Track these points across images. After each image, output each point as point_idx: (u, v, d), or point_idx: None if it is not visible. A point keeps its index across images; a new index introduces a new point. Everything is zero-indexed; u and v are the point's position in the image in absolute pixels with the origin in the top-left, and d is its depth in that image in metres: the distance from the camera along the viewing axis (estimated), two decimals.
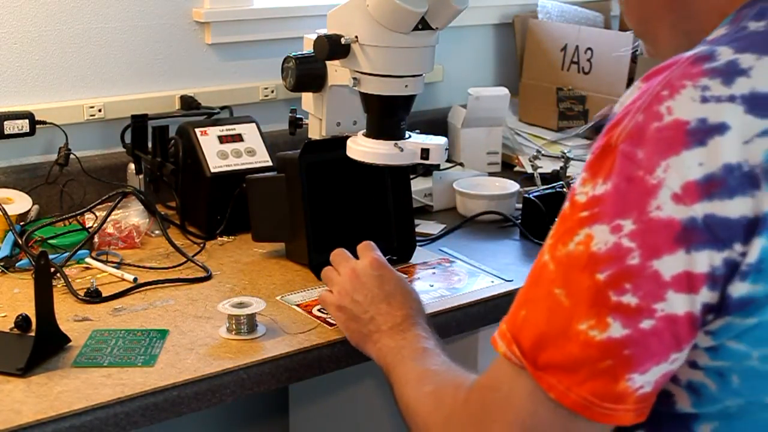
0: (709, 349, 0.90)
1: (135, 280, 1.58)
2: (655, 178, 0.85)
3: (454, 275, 1.66)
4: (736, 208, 0.84)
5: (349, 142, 1.63)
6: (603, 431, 0.92)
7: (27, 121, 1.83)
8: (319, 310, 1.48)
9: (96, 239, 1.71)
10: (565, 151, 2.03)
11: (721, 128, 0.84)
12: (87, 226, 1.74)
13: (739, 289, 0.85)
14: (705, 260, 0.84)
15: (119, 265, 1.66)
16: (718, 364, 0.90)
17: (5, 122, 1.81)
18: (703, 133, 0.84)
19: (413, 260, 1.71)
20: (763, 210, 0.84)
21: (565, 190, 1.87)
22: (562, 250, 0.90)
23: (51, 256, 1.36)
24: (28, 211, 1.78)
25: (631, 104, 0.89)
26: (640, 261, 0.85)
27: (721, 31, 0.94)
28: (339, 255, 1.44)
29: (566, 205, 0.92)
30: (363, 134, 1.62)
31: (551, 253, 0.91)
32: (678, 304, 0.85)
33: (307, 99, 1.89)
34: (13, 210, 1.73)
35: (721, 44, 0.89)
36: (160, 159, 1.83)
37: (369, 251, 1.41)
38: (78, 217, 1.75)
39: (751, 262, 0.84)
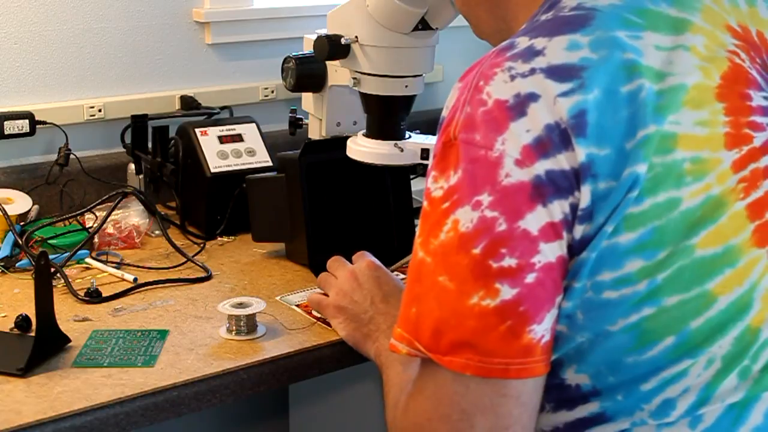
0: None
1: (135, 280, 1.58)
2: (496, 151, 0.94)
3: None
4: (565, 161, 0.94)
5: (349, 142, 1.63)
6: (536, 384, 0.97)
7: (27, 121, 1.83)
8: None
9: (96, 239, 1.71)
10: None
11: (532, 97, 0.95)
12: (87, 226, 1.74)
13: (578, 231, 0.95)
14: (558, 209, 0.94)
15: (119, 265, 1.66)
16: (566, 305, 0.97)
17: (5, 122, 1.81)
18: (521, 104, 0.95)
19: None
20: (579, 161, 0.94)
21: None
22: (434, 242, 0.97)
23: (51, 256, 1.36)
24: (28, 211, 1.78)
25: (456, 102, 1.00)
26: (507, 225, 0.94)
27: (522, 27, 1.08)
28: (336, 261, 1.47)
29: (425, 204, 1.00)
30: (363, 134, 1.62)
31: (425, 248, 0.99)
32: (550, 252, 0.95)
33: (307, 99, 1.90)
34: (13, 210, 1.73)
35: (519, 35, 1.02)
36: (160, 159, 1.83)
37: (365, 256, 1.44)
38: (78, 217, 1.75)
39: (583, 207, 0.94)
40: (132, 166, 1.91)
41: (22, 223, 1.73)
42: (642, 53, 0.98)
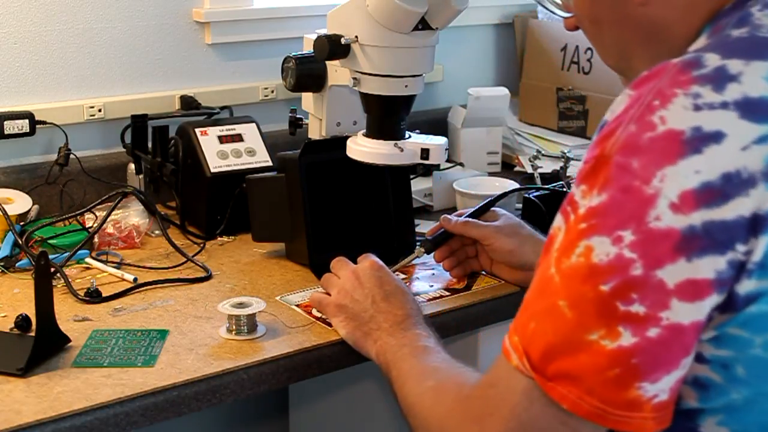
0: (711, 339, 0.91)
1: (135, 280, 1.58)
2: (652, 188, 0.85)
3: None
4: (732, 210, 0.84)
5: (349, 142, 1.63)
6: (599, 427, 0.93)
7: (27, 121, 1.83)
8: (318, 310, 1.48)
9: (96, 239, 1.71)
10: (565, 151, 2.03)
11: (716, 136, 0.84)
12: (87, 226, 1.74)
13: (746, 286, 0.86)
14: (708, 266, 0.85)
15: (119, 265, 1.66)
16: (722, 354, 0.91)
17: (5, 122, 1.81)
18: (699, 141, 0.84)
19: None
20: (764, 209, 0.84)
21: (565, 189, 1.87)
22: (565, 263, 0.91)
23: (51, 256, 1.36)
24: (28, 211, 1.78)
25: (623, 113, 0.89)
26: (643, 271, 0.86)
27: (702, 41, 0.95)
28: (339, 261, 1.47)
29: (571, 216, 0.92)
30: (363, 134, 1.62)
31: (557, 266, 0.92)
32: (683, 313, 0.86)
33: (307, 99, 1.89)
34: (13, 210, 1.73)
35: (707, 51, 0.89)
36: (160, 159, 1.83)
37: (368, 257, 1.44)
38: (78, 217, 1.75)
39: (756, 261, 0.85)
40: (132, 166, 1.91)
41: (22, 223, 1.73)
42: None
